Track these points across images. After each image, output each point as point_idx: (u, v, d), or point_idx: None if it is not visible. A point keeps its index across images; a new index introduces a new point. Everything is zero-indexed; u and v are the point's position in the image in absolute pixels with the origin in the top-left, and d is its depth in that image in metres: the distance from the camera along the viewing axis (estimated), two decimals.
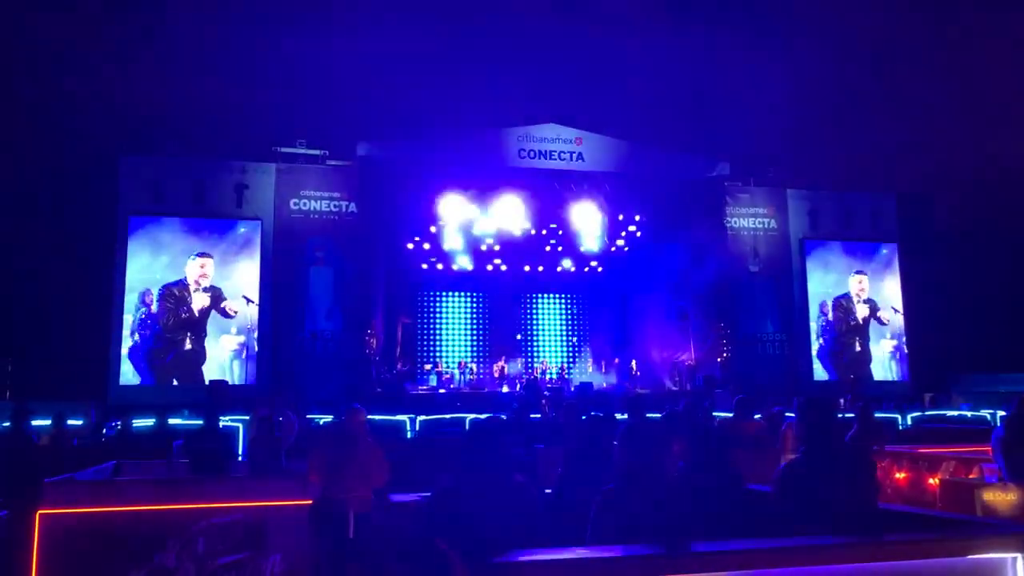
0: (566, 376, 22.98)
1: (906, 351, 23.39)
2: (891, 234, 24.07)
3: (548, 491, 4.81)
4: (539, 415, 15.50)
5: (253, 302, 19.39)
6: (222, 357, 19.24)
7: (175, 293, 19.23)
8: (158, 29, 21.63)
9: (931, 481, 7.34)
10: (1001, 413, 12.53)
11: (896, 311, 23.51)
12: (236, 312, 19.36)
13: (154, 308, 19.02)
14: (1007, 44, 23.61)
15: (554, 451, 8.31)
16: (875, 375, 23.09)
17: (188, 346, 19.10)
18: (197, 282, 19.40)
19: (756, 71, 26.45)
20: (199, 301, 19.35)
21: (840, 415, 8.49)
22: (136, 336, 18.90)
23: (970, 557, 2.92)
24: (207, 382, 18.18)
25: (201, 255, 19.47)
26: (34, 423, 11.36)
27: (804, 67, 25.87)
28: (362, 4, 25.70)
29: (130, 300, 18.93)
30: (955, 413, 17.96)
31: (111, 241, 19.03)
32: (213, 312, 19.35)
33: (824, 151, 23.98)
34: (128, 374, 18.67)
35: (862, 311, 23.47)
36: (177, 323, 19.10)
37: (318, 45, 24.61)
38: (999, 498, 5.82)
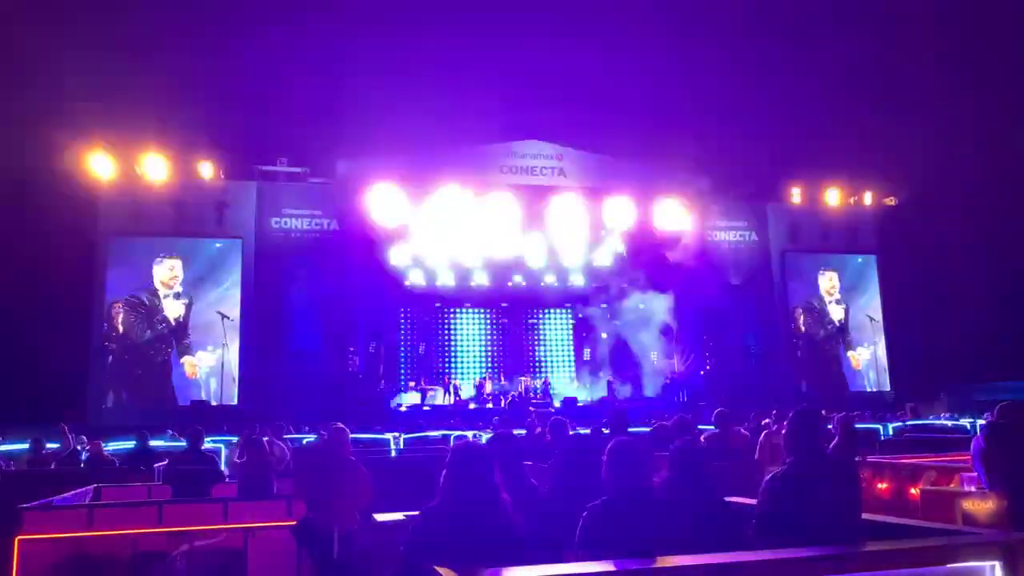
0: (551, 391, 22.89)
1: (886, 361, 23.60)
2: (870, 246, 24.36)
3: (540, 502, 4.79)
4: (524, 431, 15.44)
5: (229, 318, 19.21)
6: (197, 374, 19.10)
7: (144, 301, 18.97)
8: (139, 46, 21.56)
9: (912, 491, 7.38)
10: (981, 422, 12.65)
11: (873, 319, 23.74)
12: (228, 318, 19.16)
13: (120, 320, 18.77)
14: (985, 60, 24.06)
15: (543, 467, 8.27)
16: (857, 386, 23.26)
17: (161, 359, 18.94)
18: (168, 285, 19.18)
19: (736, 87, 26.78)
20: (173, 310, 19.16)
21: (827, 426, 8.54)
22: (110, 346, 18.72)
23: (950, 566, 2.95)
24: (189, 403, 18.04)
25: (167, 256, 19.29)
26: (10, 448, 11.19)
27: (784, 83, 26.21)
28: (343, 23, 25.80)
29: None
30: (937, 422, 18.04)
31: (92, 262, 18.85)
32: (192, 325, 19.20)
33: (803, 165, 24.23)
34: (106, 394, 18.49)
35: (836, 313, 23.66)
36: (153, 334, 18.93)
37: (300, 64, 24.65)
38: (979, 507, 5.86)
